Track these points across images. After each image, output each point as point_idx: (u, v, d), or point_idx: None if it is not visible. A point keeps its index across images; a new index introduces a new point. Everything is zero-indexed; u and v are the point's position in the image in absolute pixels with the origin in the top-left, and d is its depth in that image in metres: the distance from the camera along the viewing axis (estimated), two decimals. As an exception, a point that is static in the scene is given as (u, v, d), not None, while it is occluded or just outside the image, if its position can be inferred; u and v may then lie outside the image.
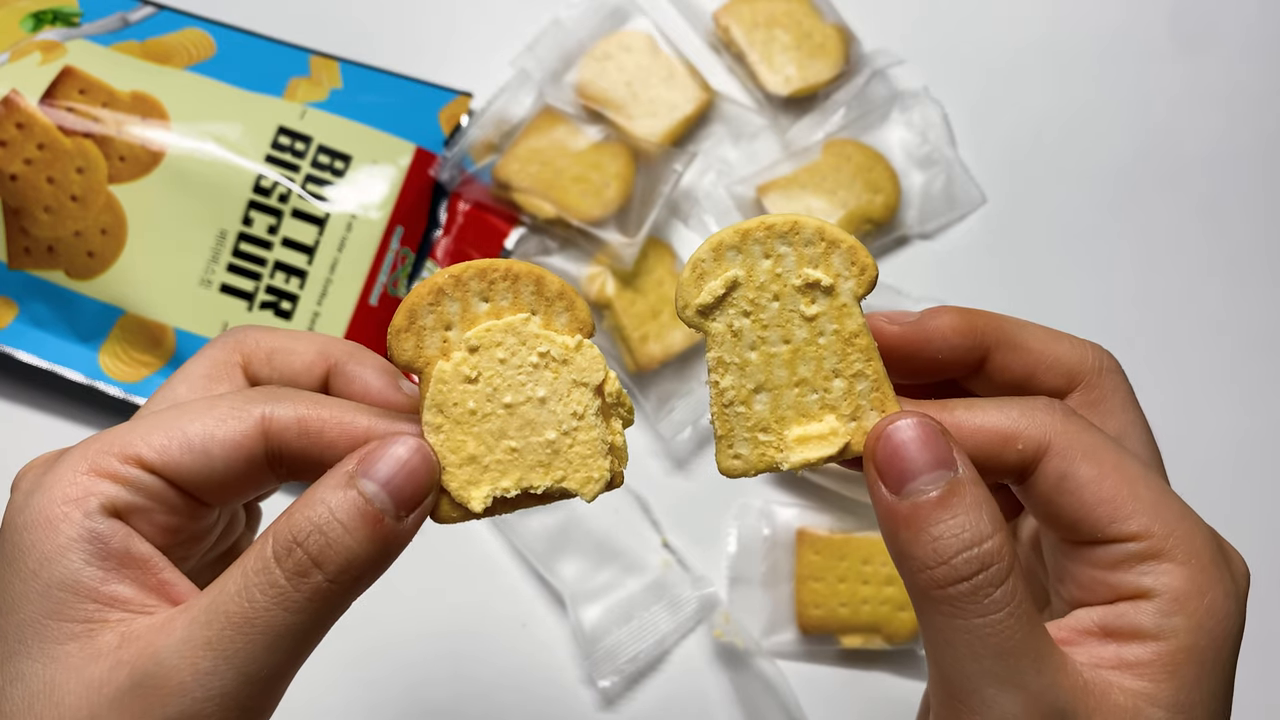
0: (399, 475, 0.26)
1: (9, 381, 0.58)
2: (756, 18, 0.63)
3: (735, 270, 0.27)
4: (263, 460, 0.27)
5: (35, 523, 0.26)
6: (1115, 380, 0.30)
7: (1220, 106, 0.65)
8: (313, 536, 0.25)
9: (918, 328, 0.29)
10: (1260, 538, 0.58)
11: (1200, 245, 0.63)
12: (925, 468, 0.26)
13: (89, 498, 0.26)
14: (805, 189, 0.60)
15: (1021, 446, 0.27)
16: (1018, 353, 0.30)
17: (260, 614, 0.25)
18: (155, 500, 0.27)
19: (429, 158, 0.59)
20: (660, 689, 0.55)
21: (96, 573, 0.25)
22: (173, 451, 0.27)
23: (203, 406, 0.27)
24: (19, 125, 0.54)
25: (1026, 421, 0.27)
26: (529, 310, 0.27)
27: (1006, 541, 0.25)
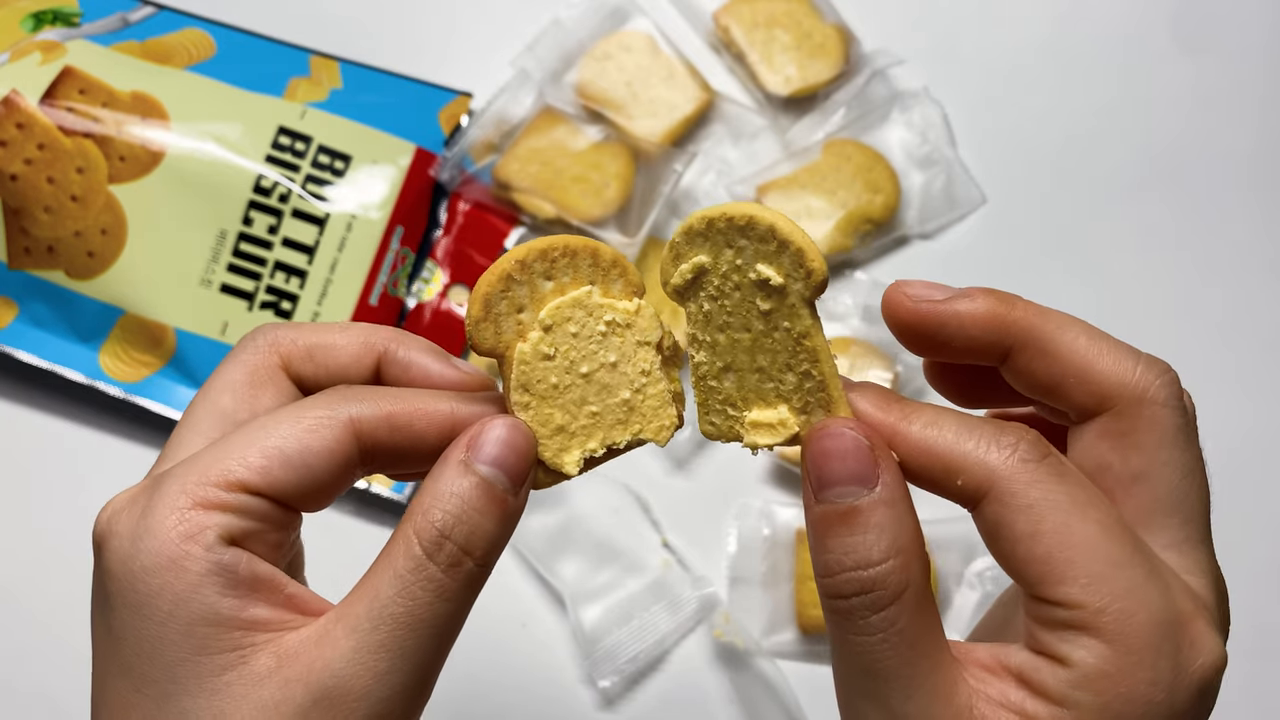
0: (507, 453, 0.27)
1: (9, 381, 0.58)
2: (756, 18, 0.63)
3: (702, 256, 0.27)
4: (357, 461, 0.28)
5: (157, 566, 0.26)
6: (1155, 413, 0.26)
7: (1221, 106, 0.65)
8: (457, 527, 0.26)
9: (937, 310, 0.27)
10: (1260, 538, 0.58)
11: (1201, 245, 0.63)
12: (841, 480, 0.25)
13: (205, 531, 0.26)
14: (805, 189, 0.60)
15: (961, 483, 0.25)
16: (1044, 359, 0.27)
17: (423, 609, 0.26)
18: (264, 521, 0.27)
19: (429, 158, 0.59)
20: (660, 689, 0.55)
21: (233, 602, 0.26)
22: (274, 471, 0.27)
23: (287, 419, 0.27)
24: (19, 125, 0.54)
25: (976, 457, 0.25)
26: (589, 282, 0.28)
27: (903, 568, 0.25)
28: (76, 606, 0.56)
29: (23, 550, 0.56)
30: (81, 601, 0.59)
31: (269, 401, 0.29)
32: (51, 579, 0.56)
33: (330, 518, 0.57)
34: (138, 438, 0.58)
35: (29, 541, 0.57)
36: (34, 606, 0.56)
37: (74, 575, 0.56)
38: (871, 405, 0.27)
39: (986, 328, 0.27)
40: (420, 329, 0.59)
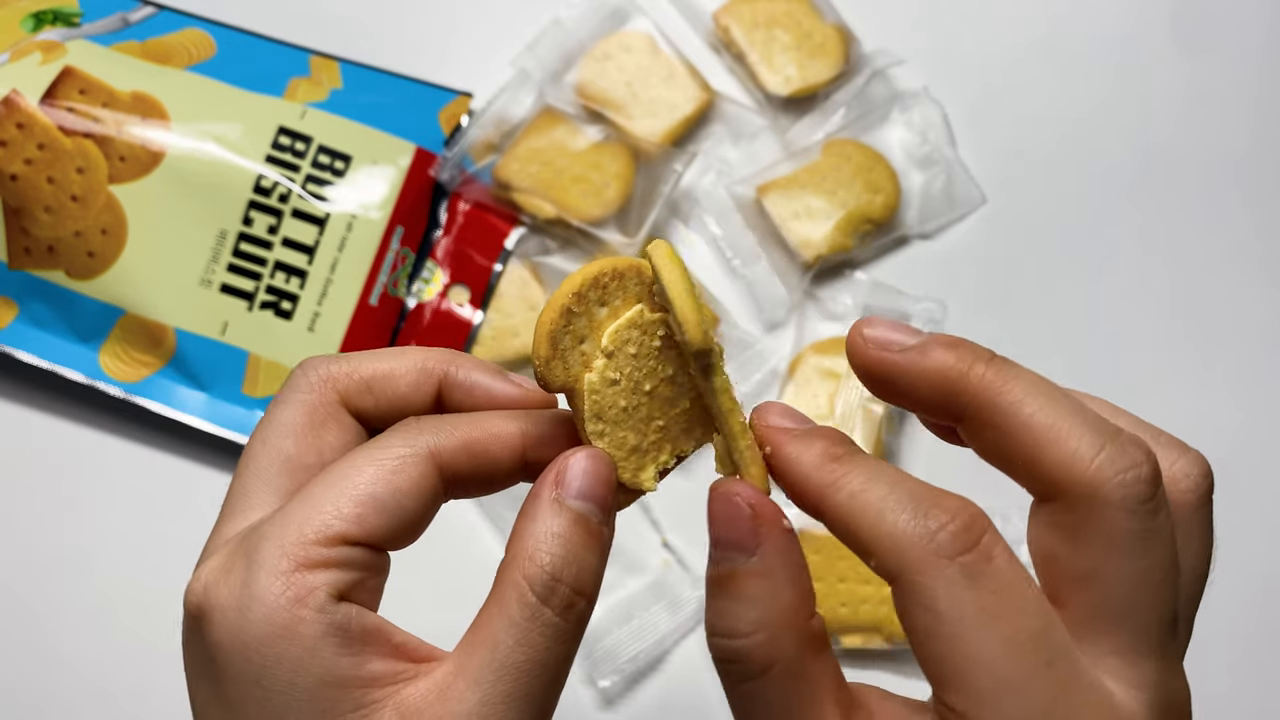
0: (594, 484, 0.27)
1: (9, 381, 0.58)
2: (756, 18, 0.63)
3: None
4: (441, 492, 0.28)
5: (271, 635, 0.25)
6: (1105, 514, 0.23)
7: (1220, 106, 0.65)
8: (566, 568, 0.26)
9: (893, 360, 0.26)
10: (1259, 538, 0.58)
11: (1200, 245, 0.63)
12: (723, 544, 0.25)
13: (314, 592, 0.25)
14: (805, 189, 0.60)
15: (874, 565, 0.24)
16: (995, 433, 0.25)
17: (542, 654, 0.26)
18: (365, 569, 0.27)
19: (429, 158, 0.59)
20: (660, 689, 0.55)
21: (350, 660, 0.25)
22: (370, 518, 0.26)
23: (369, 462, 0.27)
24: (19, 125, 0.54)
25: (890, 542, 0.24)
26: (637, 300, 0.28)
27: (765, 645, 0.24)
28: (76, 606, 0.56)
29: (22, 550, 0.56)
30: (81, 601, 0.59)
31: (333, 441, 0.29)
32: (51, 579, 0.56)
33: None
34: (138, 438, 0.58)
35: (29, 541, 0.57)
36: (34, 607, 0.56)
37: (74, 575, 0.56)
38: (809, 464, 0.26)
39: (936, 389, 0.25)
40: (420, 329, 0.59)
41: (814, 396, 0.57)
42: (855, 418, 0.56)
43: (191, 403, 0.56)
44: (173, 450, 0.58)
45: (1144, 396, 0.61)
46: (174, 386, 0.56)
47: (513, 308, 0.59)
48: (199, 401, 0.56)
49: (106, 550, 0.57)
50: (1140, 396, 0.60)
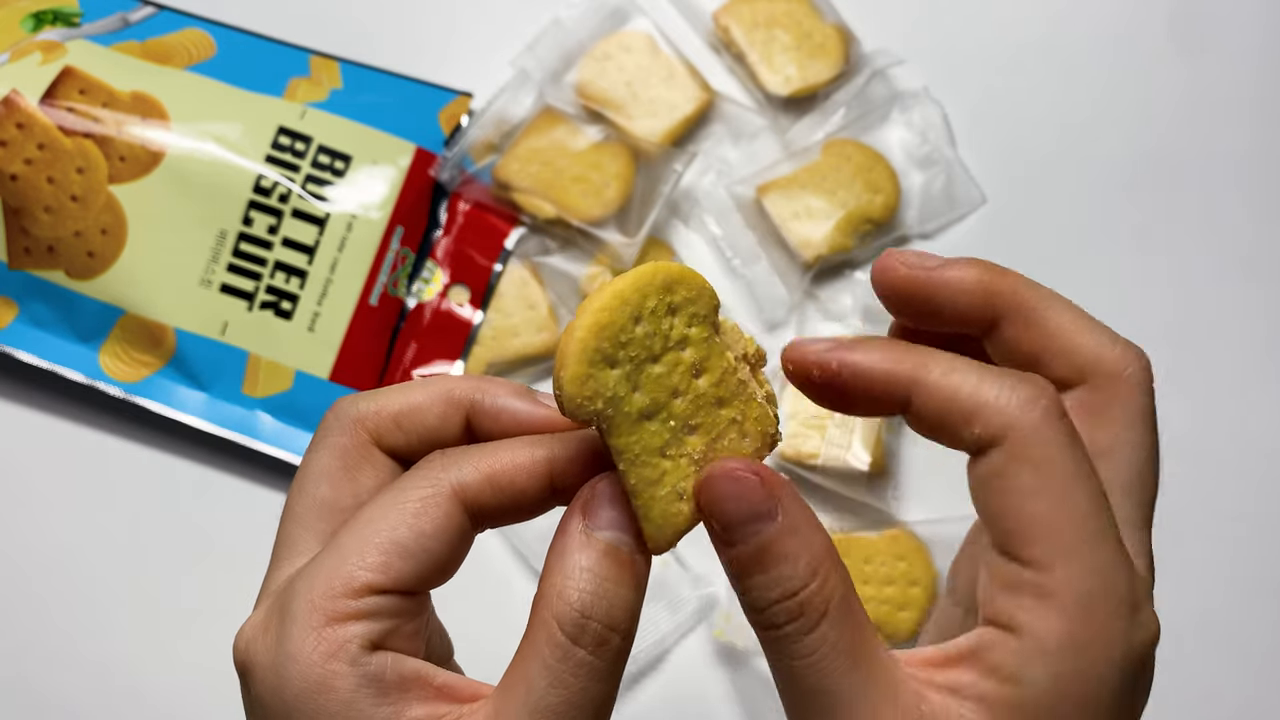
0: (625, 515, 0.26)
1: (9, 381, 0.58)
2: (756, 18, 0.63)
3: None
4: (469, 528, 0.27)
5: (307, 691, 0.25)
6: (1128, 391, 0.27)
7: (1220, 107, 0.65)
8: (596, 605, 0.26)
9: (930, 276, 0.27)
10: (1259, 537, 0.58)
11: (1201, 246, 0.63)
12: (742, 520, 0.25)
13: (346, 646, 0.25)
14: (805, 189, 0.60)
15: (978, 431, 0.25)
16: (1029, 329, 0.27)
17: (578, 695, 0.25)
18: (397, 616, 0.26)
19: (429, 158, 0.59)
20: (660, 689, 0.55)
21: (388, 710, 0.25)
22: (395, 565, 0.26)
23: (393, 506, 0.27)
24: (19, 125, 0.54)
25: (995, 407, 0.25)
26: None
27: (823, 583, 0.25)
28: (76, 607, 0.56)
29: (22, 550, 0.56)
30: (80, 602, 0.59)
31: (369, 482, 0.29)
32: (51, 579, 0.56)
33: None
34: (138, 438, 0.58)
35: (29, 541, 0.57)
36: (34, 607, 0.56)
37: (74, 575, 0.56)
38: (884, 356, 0.26)
39: (975, 295, 0.27)
40: (420, 329, 0.59)
41: (814, 396, 0.57)
42: (855, 418, 0.56)
43: (191, 403, 0.56)
44: (173, 450, 0.58)
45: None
46: (174, 386, 0.56)
47: (513, 308, 0.59)
48: (199, 401, 0.56)
49: (106, 550, 0.57)
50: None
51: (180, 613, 0.56)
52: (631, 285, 0.25)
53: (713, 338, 0.27)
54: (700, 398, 0.27)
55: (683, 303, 0.26)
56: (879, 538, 0.55)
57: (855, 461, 0.56)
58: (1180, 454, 0.59)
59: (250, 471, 0.57)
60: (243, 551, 0.57)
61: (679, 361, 0.26)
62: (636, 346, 0.26)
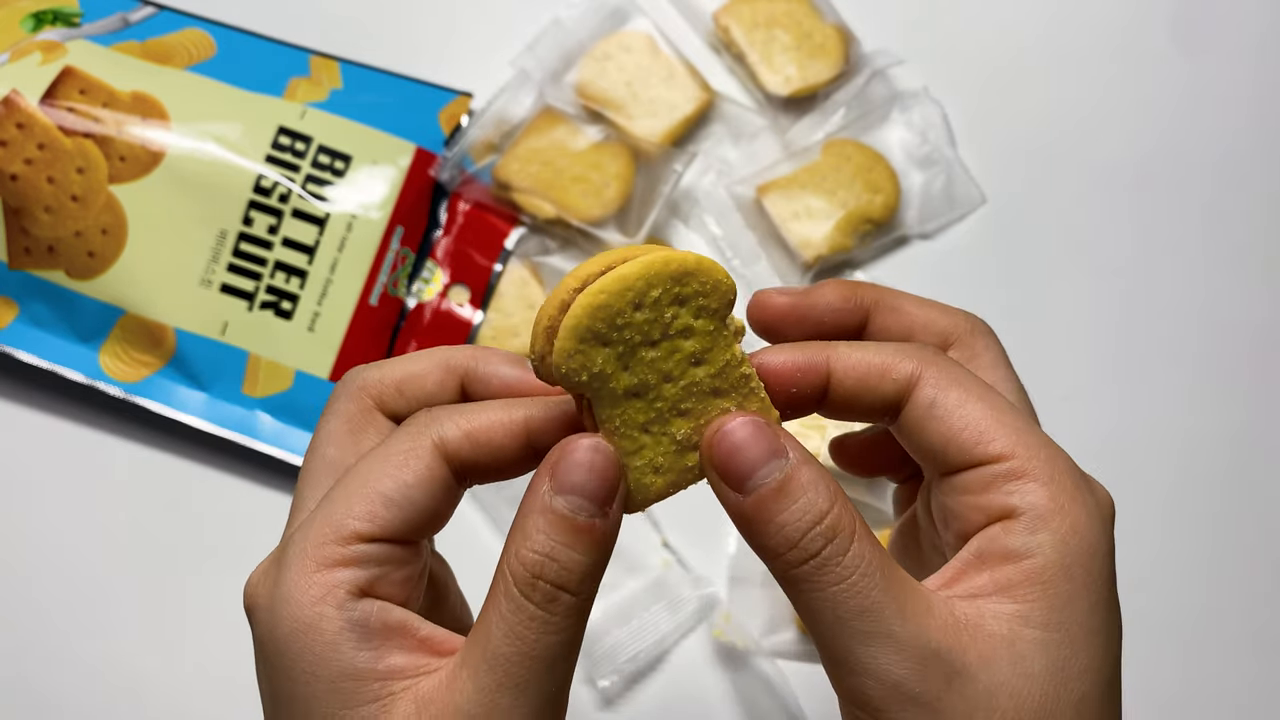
0: (590, 479, 0.27)
1: (9, 381, 0.58)
2: (756, 18, 0.63)
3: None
4: (453, 481, 0.29)
5: (296, 631, 0.27)
6: (987, 341, 0.32)
7: (1222, 107, 0.65)
8: (546, 566, 0.27)
9: (804, 299, 0.32)
10: (1259, 538, 0.58)
11: (1202, 246, 0.63)
12: (759, 462, 0.27)
13: (334, 590, 0.27)
14: (805, 189, 0.60)
15: (895, 376, 0.29)
16: (894, 315, 0.32)
17: (531, 646, 0.27)
18: (385, 564, 0.28)
19: (429, 158, 0.59)
20: (660, 689, 0.55)
21: (369, 654, 0.27)
22: (380, 514, 0.28)
23: (379, 459, 0.28)
24: (19, 125, 0.54)
25: (901, 356, 0.29)
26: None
27: (845, 509, 0.27)
28: (76, 607, 0.56)
29: (22, 550, 0.56)
30: (79, 602, 0.59)
31: (371, 443, 0.30)
32: (51, 579, 0.56)
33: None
34: (138, 438, 0.58)
35: (29, 541, 0.57)
36: (34, 607, 0.56)
37: (72, 576, 0.56)
38: (796, 350, 0.29)
39: (844, 300, 0.32)
40: (420, 329, 0.59)
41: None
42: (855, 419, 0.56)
43: (191, 403, 0.56)
44: (173, 450, 0.58)
45: (1144, 396, 0.61)
46: (174, 386, 0.56)
47: (513, 307, 0.59)
48: (199, 401, 0.56)
49: (106, 550, 0.57)
50: (1140, 396, 0.61)
51: (180, 613, 0.56)
52: (639, 273, 0.26)
53: (720, 330, 0.27)
54: (695, 385, 0.28)
55: (693, 295, 0.27)
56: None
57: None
58: (1182, 452, 0.59)
59: (250, 471, 0.57)
60: (243, 551, 0.57)
61: (677, 349, 0.27)
62: (633, 330, 0.26)
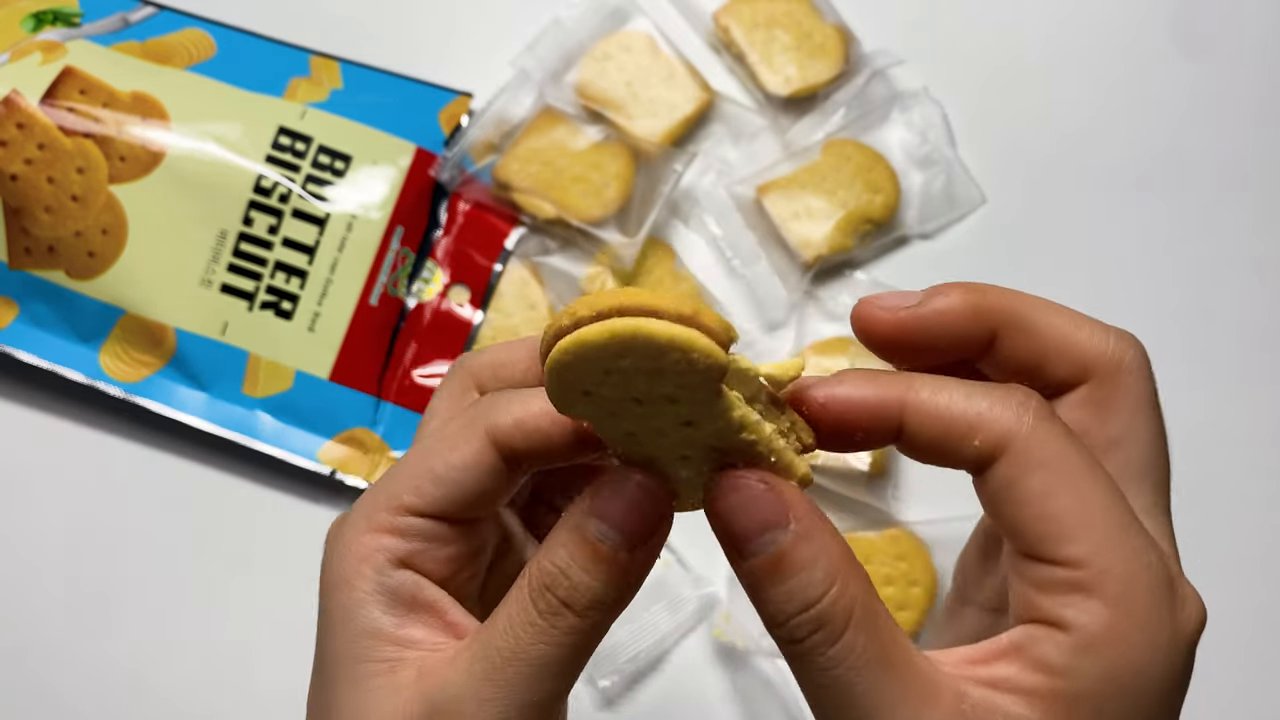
0: (627, 515, 0.26)
1: (9, 381, 0.58)
2: (756, 18, 0.63)
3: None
4: (502, 466, 0.29)
5: (338, 582, 0.29)
6: (1131, 380, 0.27)
7: (1221, 107, 0.65)
8: (558, 581, 0.27)
9: (917, 315, 0.27)
10: (1260, 540, 0.58)
11: (1203, 245, 0.63)
12: (756, 530, 0.25)
13: (376, 554, 0.29)
14: (805, 189, 0.60)
15: (979, 443, 0.25)
16: (1026, 337, 0.27)
17: (525, 648, 0.27)
18: (429, 539, 0.29)
19: (429, 158, 0.59)
20: (660, 689, 0.55)
21: (392, 620, 0.28)
22: (427, 489, 0.29)
23: (435, 439, 0.29)
24: (19, 125, 0.54)
25: (991, 417, 0.25)
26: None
27: (845, 591, 0.25)
28: (76, 607, 0.56)
29: (22, 550, 0.56)
30: (79, 602, 0.59)
31: None
32: (51, 579, 0.56)
33: (331, 516, 0.57)
34: (138, 438, 0.58)
35: (29, 541, 0.57)
36: (34, 607, 0.56)
37: (72, 576, 0.56)
38: (869, 384, 0.26)
39: (969, 318, 0.27)
40: (420, 329, 0.59)
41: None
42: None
43: (191, 403, 0.56)
44: (173, 450, 0.58)
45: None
46: (174, 386, 0.56)
47: (513, 307, 0.59)
48: (199, 401, 0.56)
49: (106, 550, 0.57)
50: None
51: (180, 613, 0.56)
52: (601, 341, 0.23)
53: (712, 403, 0.24)
54: (690, 442, 0.25)
55: (670, 372, 0.23)
56: (879, 538, 0.55)
57: (855, 461, 0.56)
58: (1186, 452, 0.59)
59: (250, 471, 0.57)
60: (243, 551, 0.57)
61: (664, 411, 0.25)
62: (609, 390, 0.24)
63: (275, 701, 0.55)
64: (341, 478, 0.56)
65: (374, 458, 0.57)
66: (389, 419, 0.57)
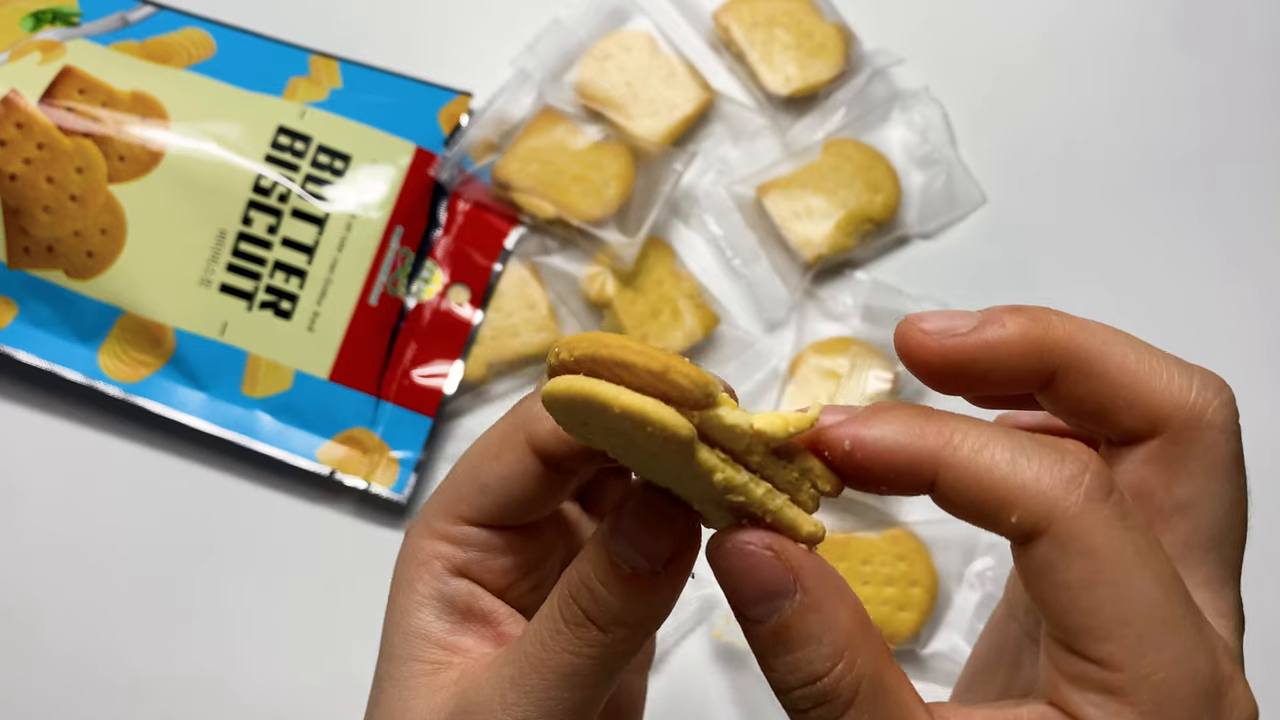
0: (646, 537, 0.25)
1: (9, 381, 0.58)
2: (756, 17, 0.63)
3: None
4: (546, 472, 0.28)
5: (400, 583, 0.30)
6: (1211, 437, 0.24)
7: (1222, 106, 0.65)
8: (581, 594, 0.26)
9: (963, 344, 0.24)
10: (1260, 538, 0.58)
11: (1202, 245, 0.63)
12: (757, 598, 0.23)
13: (434, 560, 0.29)
14: (805, 189, 0.60)
15: (1016, 520, 0.22)
16: (1093, 381, 0.24)
17: (552, 656, 0.26)
18: (485, 549, 0.29)
19: (429, 157, 0.59)
20: (660, 689, 0.55)
21: (444, 625, 0.29)
22: (476, 498, 0.29)
23: (481, 446, 0.29)
24: (18, 125, 0.54)
25: (1034, 491, 0.22)
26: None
27: (847, 670, 0.23)
28: (74, 608, 0.56)
29: (22, 550, 0.56)
30: (79, 602, 0.59)
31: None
32: (50, 579, 0.56)
33: (330, 516, 0.57)
34: (137, 438, 0.58)
35: (28, 541, 0.57)
36: (33, 607, 0.56)
37: (72, 576, 0.56)
38: (907, 435, 0.23)
39: (1025, 355, 0.24)
40: (420, 329, 0.59)
41: (814, 397, 0.57)
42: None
43: (191, 403, 0.56)
44: (172, 450, 0.57)
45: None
46: (173, 386, 0.56)
47: (512, 307, 0.59)
48: (198, 401, 0.56)
49: (106, 550, 0.56)
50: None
51: (180, 613, 0.56)
52: (560, 401, 0.22)
53: (690, 464, 0.22)
54: (688, 491, 0.24)
55: (636, 435, 0.22)
56: (879, 538, 0.55)
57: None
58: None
59: (250, 471, 0.57)
60: (242, 552, 0.57)
61: (658, 461, 0.23)
62: (599, 435, 0.23)
63: (275, 701, 0.55)
64: (341, 478, 0.56)
65: (373, 458, 0.57)
66: (388, 419, 0.57)
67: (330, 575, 0.57)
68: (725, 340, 0.59)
